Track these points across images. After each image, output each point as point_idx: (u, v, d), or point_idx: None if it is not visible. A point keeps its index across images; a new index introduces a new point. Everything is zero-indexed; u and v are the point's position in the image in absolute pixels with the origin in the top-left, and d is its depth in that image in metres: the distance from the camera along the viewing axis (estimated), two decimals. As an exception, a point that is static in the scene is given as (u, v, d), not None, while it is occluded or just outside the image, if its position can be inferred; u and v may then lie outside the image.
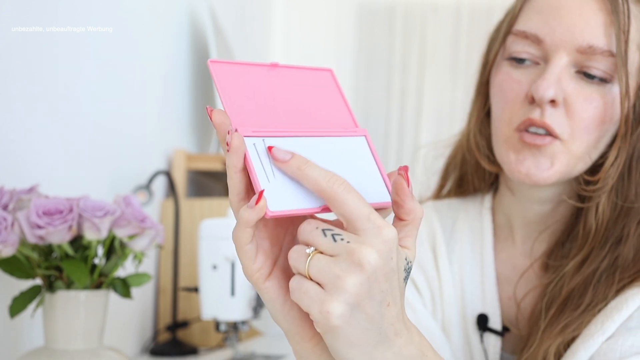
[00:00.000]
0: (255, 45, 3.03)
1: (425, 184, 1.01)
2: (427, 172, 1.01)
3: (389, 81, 3.61)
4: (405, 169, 0.55)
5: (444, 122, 3.55)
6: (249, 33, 2.82)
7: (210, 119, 0.55)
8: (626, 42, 0.75)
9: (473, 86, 0.92)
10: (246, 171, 0.54)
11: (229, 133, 0.54)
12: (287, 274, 0.57)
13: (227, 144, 0.53)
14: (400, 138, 3.53)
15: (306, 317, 0.57)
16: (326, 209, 0.54)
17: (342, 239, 0.51)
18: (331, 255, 0.51)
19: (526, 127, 0.78)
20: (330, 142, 0.58)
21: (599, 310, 0.76)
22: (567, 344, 0.76)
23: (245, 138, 0.55)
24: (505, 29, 0.82)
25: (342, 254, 0.50)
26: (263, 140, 0.56)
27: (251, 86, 0.59)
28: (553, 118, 0.77)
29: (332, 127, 0.60)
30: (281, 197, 0.54)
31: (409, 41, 3.60)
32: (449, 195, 0.97)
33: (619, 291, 0.76)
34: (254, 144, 0.55)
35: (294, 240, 0.58)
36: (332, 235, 0.51)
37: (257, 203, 0.51)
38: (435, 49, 3.55)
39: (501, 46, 0.82)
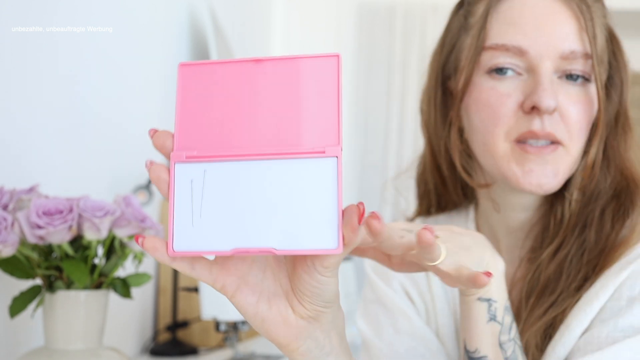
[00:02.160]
0: (255, 46, 3.03)
1: (403, 204, 1.04)
2: (403, 194, 1.03)
3: (389, 81, 3.61)
4: (362, 204, 0.51)
5: (444, 122, 3.55)
6: (249, 33, 2.82)
7: (152, 141, 0.53)
8: (596, 43, 0.79)
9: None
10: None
11: (148, 164, 0.52)
12: (256, 289, 0.56)
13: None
14: (400, 138, 3.53)
15: (278, 328, 0.56)
16: (236, 252, 0.50)
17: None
18: None
19: (527, 139, 0.78)
20: (288, 165, 0.51)
21: (573, 297, 0.78)
22: (547, 338, 0.78)
23: (178, 166, 0.51)
24: (476, 46, 0.81)
25: None
26: (205, 169, 0.51)
27: (220, 93, 0.53)
28: (553, 126, 0.78)
29: (305, 141, 0.52)
30: (196, 237, 0.50)
31: (409, 41, 3.60)
32: (432, 213, 0.98)
33: (588, 277, 0.79)
34: (187, 173, 0.51)
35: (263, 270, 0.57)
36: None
37: (144, 245, 0.50)
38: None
39: (475, 64, 0.81)
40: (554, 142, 0.79)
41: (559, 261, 0.81)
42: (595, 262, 0.79)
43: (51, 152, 1.17)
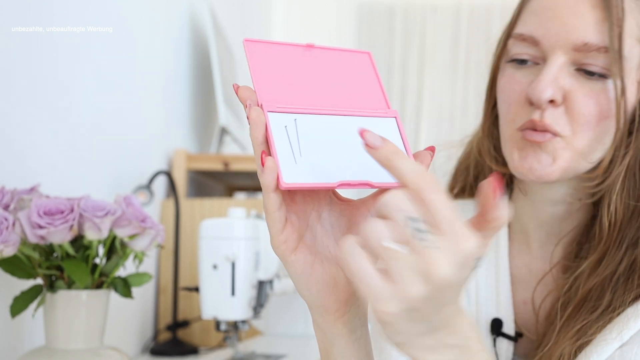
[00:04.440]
0: (255, 46, 3.03)
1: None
2: (437, 172, 1.00)
3: (389, 81, 3.61)
4: (433, 148, 0.57)
5: (444, 122, 3.55)
6: (249, 33, 2.82)
7: (237, 94, 0.56)
8: (620, 36, 0.75)
9: (474, 87, 0.93)
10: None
11: (246, 107, 0.55)
12: (313, 250, 0.59)
13: (248, 118, 0.55)
14: (400, 138, 3.53)
15: (330, 291, 0.58)
16: (343, 185, 0.54)
17: (420, 238, 0.48)
18: (405, 245, 0.48)
19: (527, 127, 0.78)
20: (359, 122, 0.59)
21: (618, 315, 0.75)
22: (580, 347, 0.76)
23: (271, 114, 0.56)
24: (506, 33, 0.83)
25: (416, 254, 0.48)
26: (295, 118, 0.57)
27: (284, 65, 0.60)
28: (552, 118, 0.77)
29: (364, 108, 0.60)
30: (302, 172, 0.54)
31: (409, 41, 3.60)
32: (462, 196, 0.97)
33: (637, 297, 0.76)
34: (280, 120, 0.56)
35: (319, 218, 0.60)
36: (414, 228, 0.48)
37: (264, 168, 0.53)
38: (435, 49, 3.55)
39: (503, 50, 0.83)
40: (549, 132, 0.77)
41: (602, 277, 0.78)
42: None
43: (52, 152, 1.18)
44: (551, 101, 0.76)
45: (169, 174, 1.61)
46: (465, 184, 0.96)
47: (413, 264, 0.48)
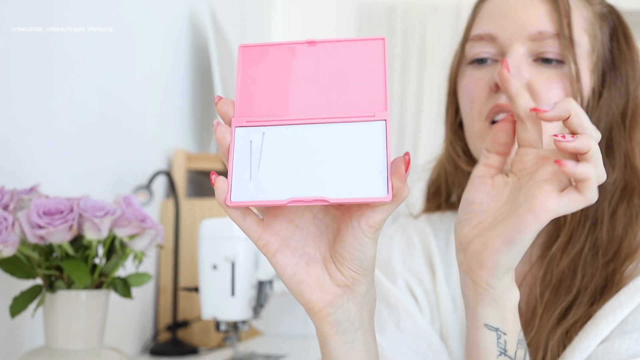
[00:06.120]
0: (255, 45, 3.03)
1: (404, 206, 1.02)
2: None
3: (389, 81, 3.60)
4: (408, 154, 0.56)
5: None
6: (249, 33, 2.82)
7: (216, 107, 0.57)
8: (569, 24, 0.81)
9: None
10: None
11: (215, 124, 0.57)
12: (297, 251, 0.60)
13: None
14: (401, 138, 3.53)
15: (312, 292, 0.60)
16: (294, 202, 0.54)
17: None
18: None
19: (495, 113, 0.81)
20: (342, 128, 0.57)
21: (590, 301, 0.77)
22: (564, 343, 0.77)
23: (238, 129, 0.56)
24: (463, 39, 0.88)
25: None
26: (263, 132, 0.56)
27: (277, 69, 0.59)
28: None
29: (355, 110, 0.58)
30: (253, 189, 0.54)
31: (409, 41, 3.60)
32: (439, 209, 0.98)
33: (608, 281, 0.78)
34: (246, 135, 0.56)
35: (314, 218, 0.61)
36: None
37: (214, 187, 0.55)
38: (435, 49, 3.55)
39: (461, 55, 0.87)
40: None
41: (571, 257, 0.81)
42: (613, 267, 0.78)
43: (52, 152, 1.18)
44: None
45: (168, 174, 1.61)
46: (439, 203, 0.98)
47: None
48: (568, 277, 0.80)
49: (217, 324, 1.37)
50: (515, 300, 0.66)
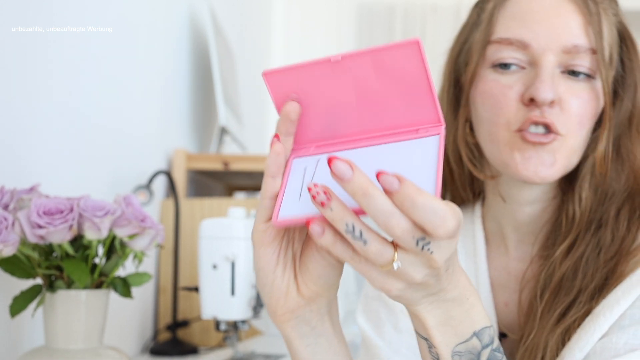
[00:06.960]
0: (255, 46, 3.03)
1: None
2: None
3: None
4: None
5: (444, 122, 3.55)
6: (249, 33, 2.82)
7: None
8: (601, 39, 0.80)
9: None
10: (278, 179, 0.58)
11: (275, 136, 0.57)
12: (283, 252, 0.61)
13: (271, 146, 0.57)
14: (400, 138, 3.53)
15: (278, 297, 0.62)
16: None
17: (427, 248, 0.53)
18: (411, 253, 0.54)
19: (527, 126, 0.80)
20: (395, 148, 0.55)
21: (590, 298, 0.78)
22: (563, 333, 0.78)
23: (296, 160, 0.57)
24: (483, 40, 0.84)
25: (422, 258, 0.54)
26: (318, 159, 0.57)
27: (312, 91, 0.56)
28: (552, 116, 0.79)
29: (406, 126, 0.55)
30: (300, 206, 0.55)
31: (409, 41, 3.60)
32: None
33: (607, 280, 0.78)
34: (302, 163, 0.57)
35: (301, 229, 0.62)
36: (421, 244, 0.53)
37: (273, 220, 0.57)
38: (435, 49, 3.55)
39: (480, 57, 0.84)
40: (552, 132, 0.79)
41: (574, 259, 0.81)
42: (614, 264, 0.79)
43: (51, 152, 1.18)
44: (551, 102, 0.78)
45: (168, 174, 1.61)
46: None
47: (420, 263, 0.55)
48: (569, 278, 0.81)
49: (217, 324, 1.37)
50: (437, 322, 0.61)
